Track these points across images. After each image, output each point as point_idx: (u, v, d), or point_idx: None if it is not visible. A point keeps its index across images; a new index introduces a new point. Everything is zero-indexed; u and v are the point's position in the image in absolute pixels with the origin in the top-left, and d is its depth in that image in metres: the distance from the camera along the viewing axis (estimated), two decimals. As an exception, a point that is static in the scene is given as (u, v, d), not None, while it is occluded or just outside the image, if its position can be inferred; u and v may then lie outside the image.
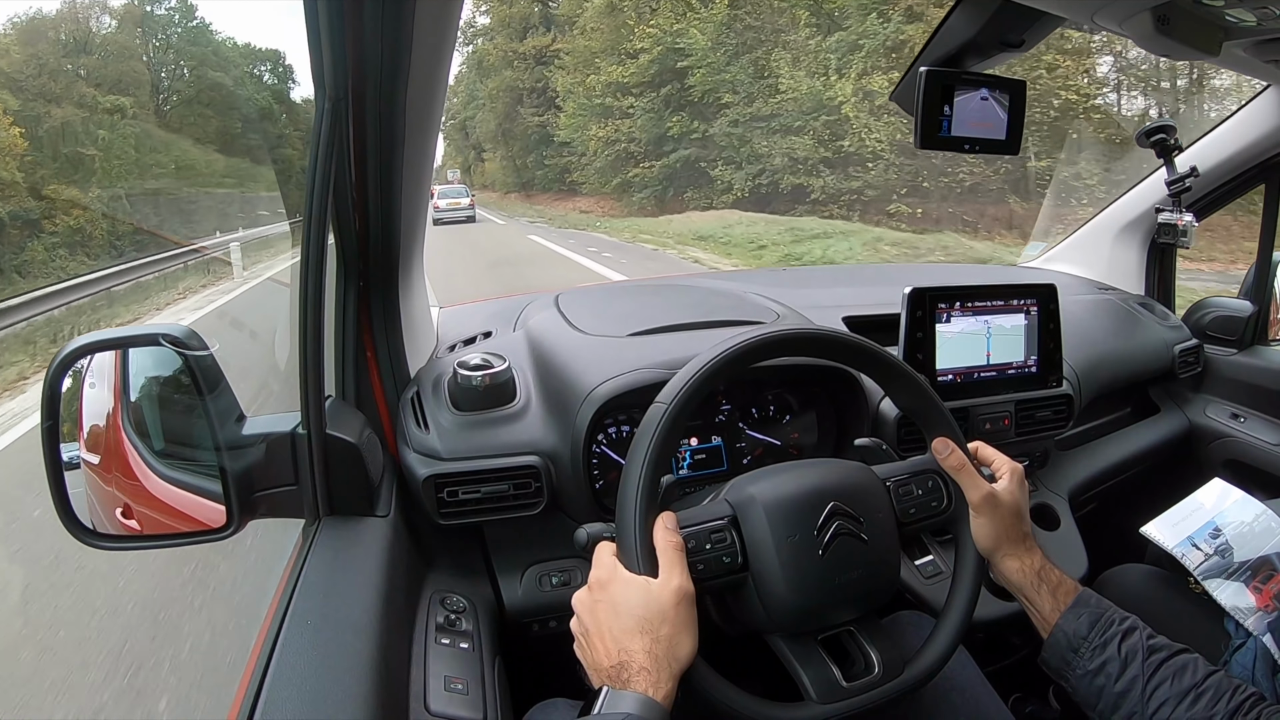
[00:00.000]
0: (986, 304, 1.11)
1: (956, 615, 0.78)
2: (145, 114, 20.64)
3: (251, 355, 4.30)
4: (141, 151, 18.97)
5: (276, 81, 28.79)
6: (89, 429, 0.80)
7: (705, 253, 12.71)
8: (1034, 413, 1.17)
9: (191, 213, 18.03)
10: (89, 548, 0.77)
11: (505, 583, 1.00)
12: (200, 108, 22.70)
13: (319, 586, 0.74)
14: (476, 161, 39.97)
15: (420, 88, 0.78)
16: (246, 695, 0.61)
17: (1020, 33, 0.95)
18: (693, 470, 1.08)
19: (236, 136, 23.34)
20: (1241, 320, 1.50)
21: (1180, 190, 1.40)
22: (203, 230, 15.58)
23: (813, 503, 0.72)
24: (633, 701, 0.60)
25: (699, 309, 1.23)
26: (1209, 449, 1.47)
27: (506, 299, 1.36)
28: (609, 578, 0.68)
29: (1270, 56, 1.01)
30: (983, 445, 0.86)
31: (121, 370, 0.81)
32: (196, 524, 0.79)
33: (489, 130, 32.87)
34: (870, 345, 0.82)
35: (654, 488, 0.69)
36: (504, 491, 0.96)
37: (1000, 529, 0.79)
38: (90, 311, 8.22)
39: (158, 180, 18.44)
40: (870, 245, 11.25)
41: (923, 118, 0.94)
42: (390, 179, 0.86)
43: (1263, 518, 1.00)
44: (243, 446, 0.79)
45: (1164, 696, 0.70)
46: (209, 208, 18.50)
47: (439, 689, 0.76)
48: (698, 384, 0.73)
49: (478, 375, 1.00)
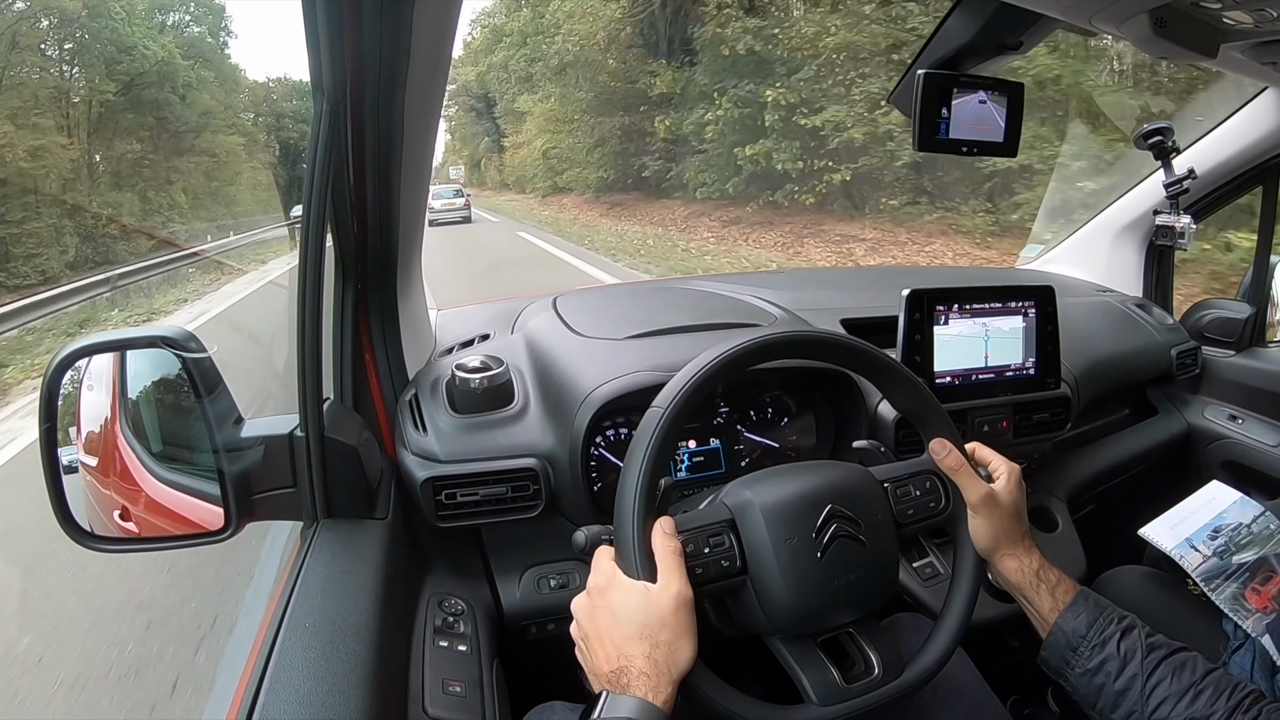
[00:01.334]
0: (984, 306, 1.11)
1: (955, 617, 0.78)
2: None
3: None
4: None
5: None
6: (87, 431, 0.80)
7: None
8: (1032, 415, 1.17)
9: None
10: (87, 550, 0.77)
11: (503, 585, 1.00)
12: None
13: (317, 589, 0.74)
14: (493, 152, 33.76)
15: (419, 90, 0.78)
16: (244, 697, 0.61)
17: (1018, 35, 0.95)
18: (691, 473, 1.08)
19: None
20: (1239, 322, 1.50)
21: (1178, 192, 1.40)
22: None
23: (811, 505, 0.72)
24: (632, 706, 0.61)
25: (696, 311, 1.23)
26: (1207, 451, 1.47)
27: (504, 301, 1.36)
28: (608, 584, 0.68)
29: (1268, 59, 1.01)
30: (980, 446, 0.86)
31: (119, 373, 0.81)
32: (194, 526, 0.79)
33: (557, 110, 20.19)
34: (868, 348, 0.82)
35: (652, 491, 0.69)
36: (502, 494, 0.96)
37: (998, 529, 0.79)
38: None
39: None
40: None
41: (920, 120, 0.94)
42: (388, 182, 0.86)
43: (1261, 519, 1.00)
44: (241, 449, 0.79)
45: (1164, 694, 0.70)
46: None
47: (437, 691, 0.76)
48: (696, 386, 0.73)
49: (476, 378, 1.00)
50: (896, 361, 0.84)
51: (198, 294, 10.05)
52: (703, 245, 11.80)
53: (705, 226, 13.21)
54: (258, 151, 26.27)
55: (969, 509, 0.80)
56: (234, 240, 17.61)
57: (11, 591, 2.64)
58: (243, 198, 23.69)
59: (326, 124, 0.73)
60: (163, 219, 18.69)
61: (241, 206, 23.10)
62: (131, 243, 16.81)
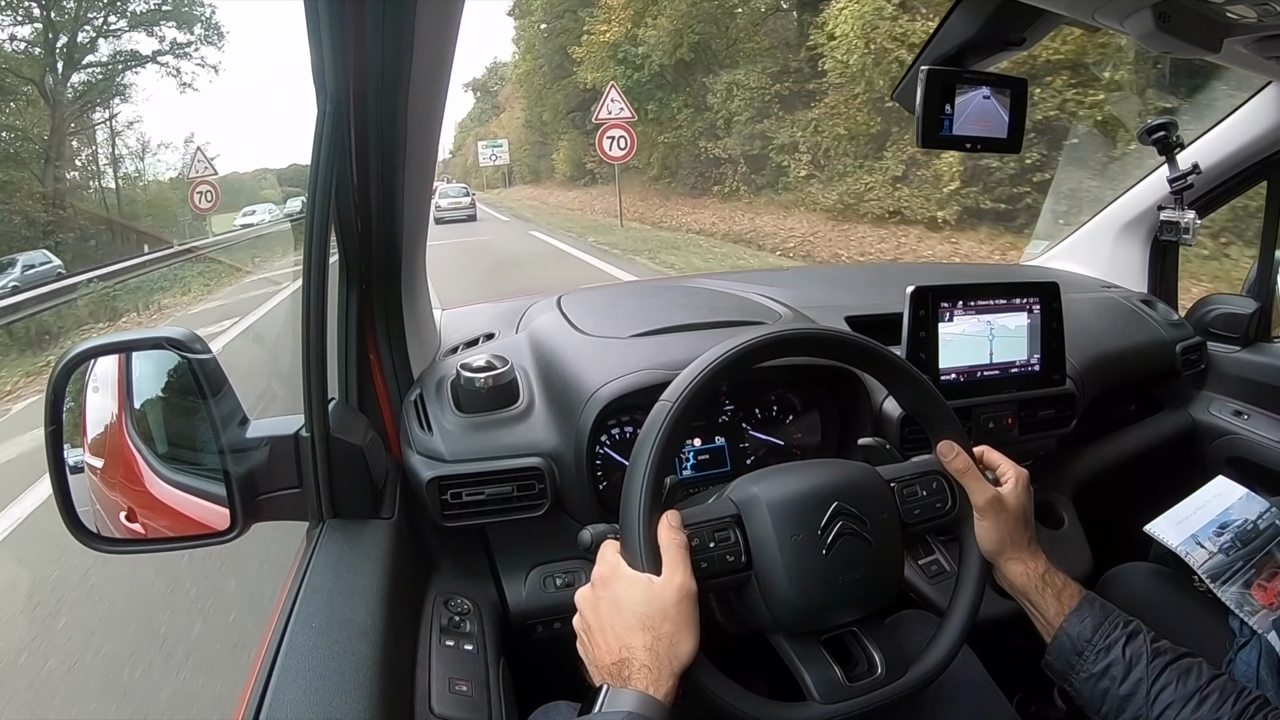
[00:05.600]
0: (989, 303, 1.10)
1: (961, 615, 0.78)
2: None
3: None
4: None
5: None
6: (93, 433, 0.80)
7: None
8: (1037, 411, 1.17)
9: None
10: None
11: (509, 584, 1.00)
12: None
13: (323, 589, 0.74)
14: (551, 144, 26.18)
15: (422, 89, 0.78)
16: (251, 696, 0.61)
17: (1021, 31, 0.95)
18: (696, 471, 1.08)
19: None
20: (1244, 317, 1.49)
21: (1183, 187, 1.39)
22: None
23: (817, 502, 0.72)
24: (633, 699, 0.61)
25: (701, 309, 1.23)
26: (1212, 446, 1.47)
27: (509, 301, 1.37)
28: (612, 574, 0.68)
29: (1272, 53, 1.01)
30: (988, 449, 0.86)
31: (125, 374, 0.81)
32: (200, 527, 0.80)
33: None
34: (874, 345, 0.82)
35: (658, 485, 0.69)
36: (508, 493, 0.96)
37: (1005, 533, 0.79)
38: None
39: None
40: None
41: (924, 117, 0.94)
42: (392, 181, 0.86)
43: (1267, 515, 1.00)
44: (246, 449, 0.79)
45: (1169, 699, 0.69)
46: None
47: (443, 691, 0.76)
48: (701, 384, 0.73)
49: (481, 377, 1.01)
50: (905, 361, 0.84)
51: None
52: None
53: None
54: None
55: (975, 512, 0.80)
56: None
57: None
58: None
59: (329, 123, 0.73)
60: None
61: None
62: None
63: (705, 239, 12.39)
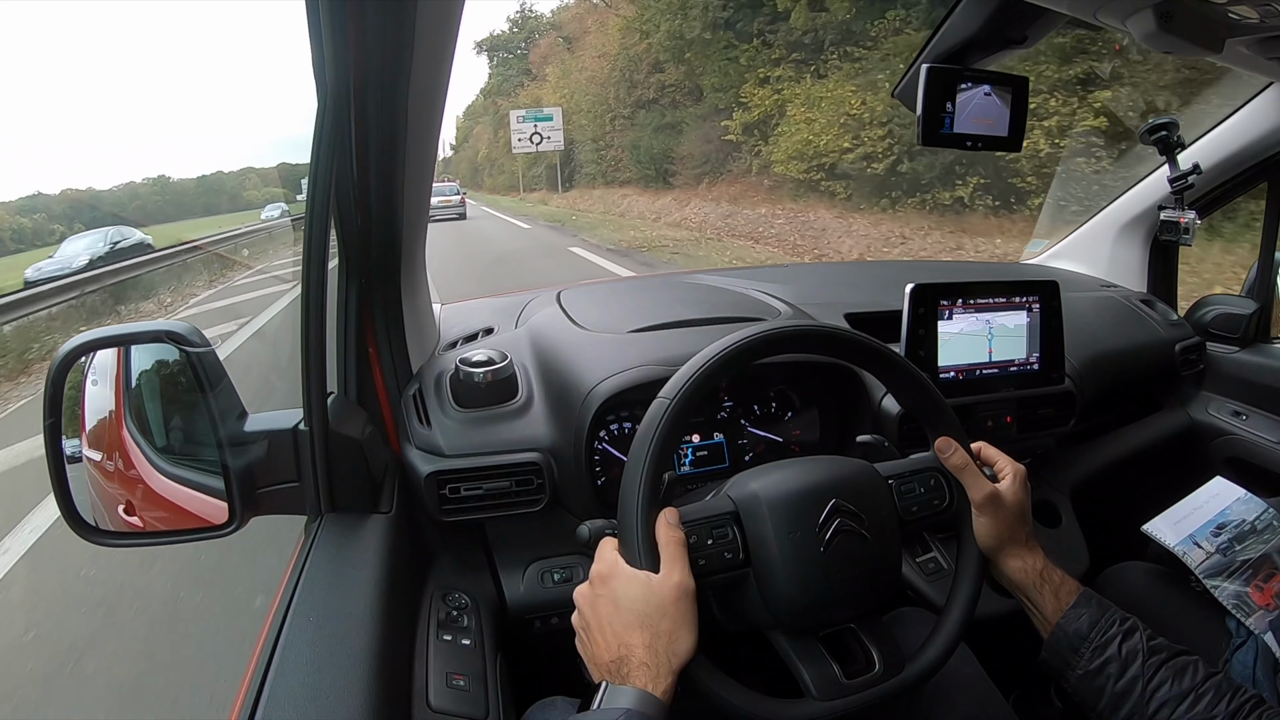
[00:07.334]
0: (989, 301, 1.10)
1: (958, 613, 0.78)
2: None
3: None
4: None
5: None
6: (91, 426, 0.80)
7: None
8: (1036, 410, 1.17)
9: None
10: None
11: (507, 579, 1.00)
12: None
13: (321, 583, 0.74)
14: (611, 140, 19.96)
15: (422, 84, 0.77)
16: (249, 690, 0.61)
17: (1023, 29, 0.95)
18: (694, 467, 1.08)
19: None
20: (1244, 318, 1.49)
21: (1183, 188, 1.39)
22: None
23: (815, 499, 0.72)
24: (631, 696, 0.61)
25: (701, 306, 1.23)
26: (1211, 447, 1.47)
27: (508, 295, 1.36)
28: (610, 572, 0.68)
29: (1273, 54, 1.01)
30: (986, 446, 0.86)
31: (124, 367, 0.81)
32: (198, 521, 0.79)
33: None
34: (873, 342, 0.82)
35: (656, 482, 0.69)
36: (506, 488, 0.96)
37: (1002, 529, 0.79)
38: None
39: None
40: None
41: (925, 114, 0.94)
42: (392, 176, 0.86)
43: (1264, 516, 1.00)
44: (245, 443, 0.79)
45: (1164, 697, 0.70)
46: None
47: (440, 685, 0.76)
48: (700, 380, 0.73)
49: (480, 372, 1.01)
50: (904, 358, 0.84)
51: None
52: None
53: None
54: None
55: (973, 508, 0.80)
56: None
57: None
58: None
59: (329, 117, 0.73)
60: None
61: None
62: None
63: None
